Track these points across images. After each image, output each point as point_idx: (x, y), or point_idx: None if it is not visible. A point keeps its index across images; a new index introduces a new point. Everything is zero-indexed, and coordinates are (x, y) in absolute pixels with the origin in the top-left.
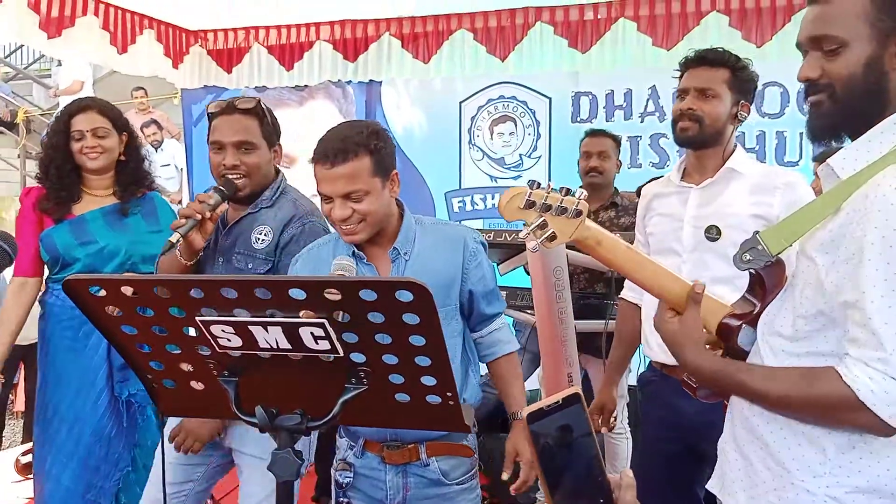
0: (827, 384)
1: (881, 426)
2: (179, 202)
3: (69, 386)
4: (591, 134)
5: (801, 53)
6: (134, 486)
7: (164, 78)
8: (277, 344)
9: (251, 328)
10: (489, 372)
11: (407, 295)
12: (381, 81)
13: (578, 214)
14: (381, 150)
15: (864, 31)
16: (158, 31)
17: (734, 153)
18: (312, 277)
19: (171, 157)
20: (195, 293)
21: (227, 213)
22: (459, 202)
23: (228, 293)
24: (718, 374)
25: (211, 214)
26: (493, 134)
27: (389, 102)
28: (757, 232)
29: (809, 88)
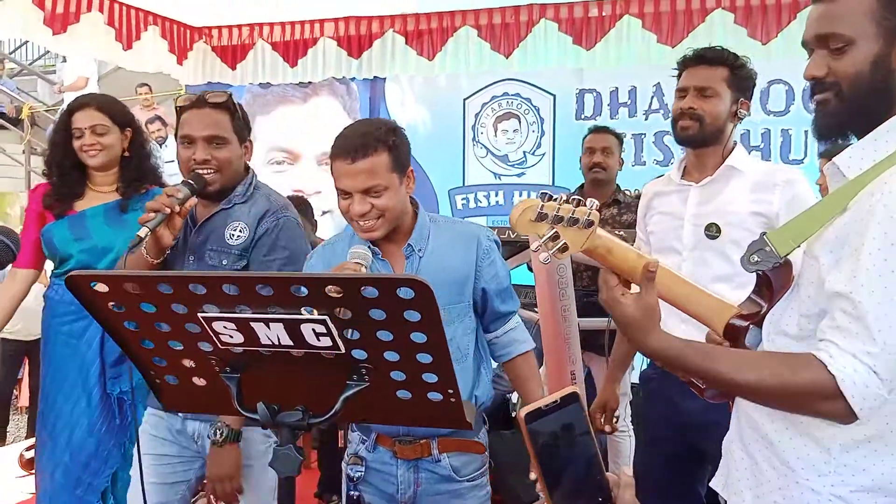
0: (810, 372)
1: (846, 416)
2: None
3: (65, 380)
4: (594, 130)
5: (806, 51)
6: (123, 483)
7: (168, 74)
8: (279, 340)
9: (253, 325)
10: (505, 371)
11: (408, 292)
12: (385, 78)
13: (590, 225)
14: (398, 146)
15: (870, 29)
16: (163, 27)
17: (734, 151)
18: (314, 274)
19: (174, 153)
20: (197, 289)
21: (195, 210)
22: (463, 199)
23: (230, 290)
24: (684, 358)
25: (180, 209)
26: (497, 131)
27: (393, 99)
28: (764, 233)
29: (815, 87)
